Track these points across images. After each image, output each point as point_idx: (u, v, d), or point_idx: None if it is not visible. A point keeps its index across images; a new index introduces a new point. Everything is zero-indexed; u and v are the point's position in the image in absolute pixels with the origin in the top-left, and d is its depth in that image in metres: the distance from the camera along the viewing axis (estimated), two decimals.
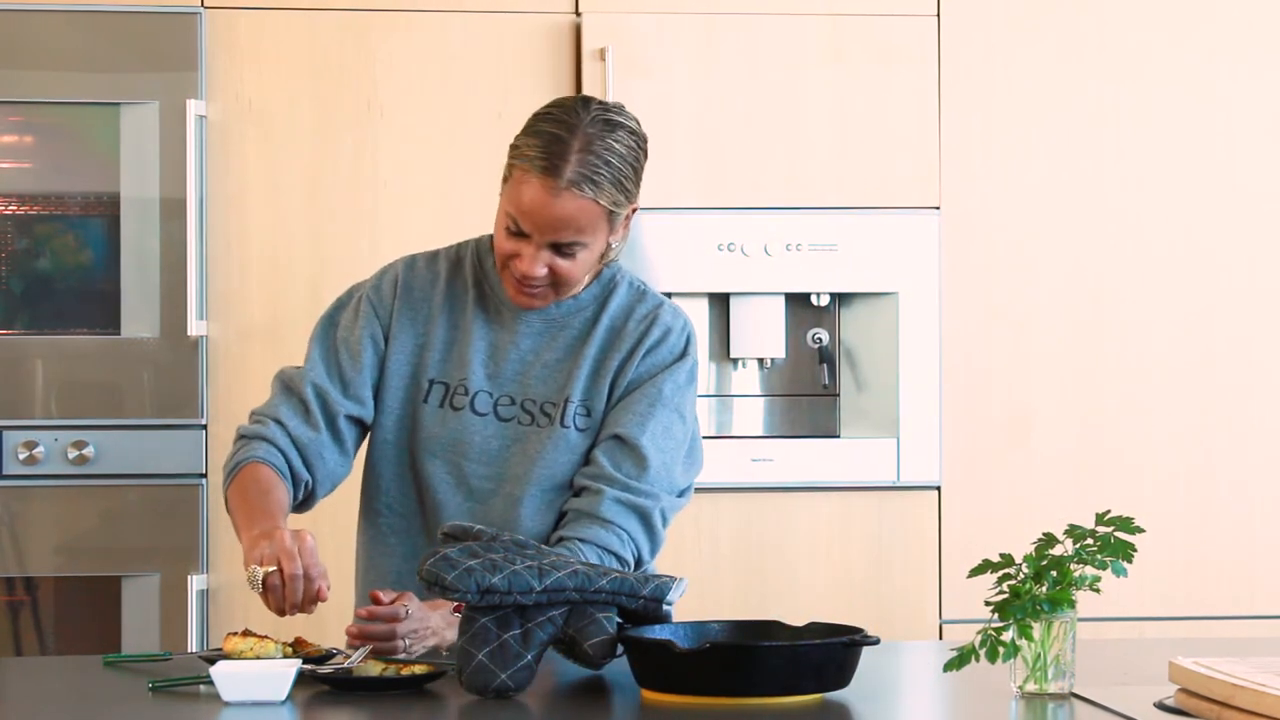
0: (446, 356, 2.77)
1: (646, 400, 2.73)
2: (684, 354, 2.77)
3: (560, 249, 2.65)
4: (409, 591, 2.59)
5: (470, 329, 2.76)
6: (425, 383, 2.76)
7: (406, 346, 2.78)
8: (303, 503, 2.78)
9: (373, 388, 2.78)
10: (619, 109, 2.68)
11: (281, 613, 2.49)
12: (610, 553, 2.65)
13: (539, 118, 2.67)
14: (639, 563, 2.71)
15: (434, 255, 2.83)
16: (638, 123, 2.69)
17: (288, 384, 2.78)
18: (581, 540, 2.65)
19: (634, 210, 2.70)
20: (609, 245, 2.71)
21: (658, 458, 2.71)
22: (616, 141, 2.64)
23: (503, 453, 2.74)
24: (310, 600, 2.48)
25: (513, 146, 2.67)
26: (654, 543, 2.72)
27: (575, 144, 2.61)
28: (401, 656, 2.51)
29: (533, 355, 2.76)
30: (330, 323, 2.81)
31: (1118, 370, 4.11)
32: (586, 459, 2.73)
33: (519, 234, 2.64)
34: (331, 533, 3.80)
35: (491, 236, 2.76)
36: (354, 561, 2.88)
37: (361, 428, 2.80)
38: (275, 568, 2.48)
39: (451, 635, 2.55)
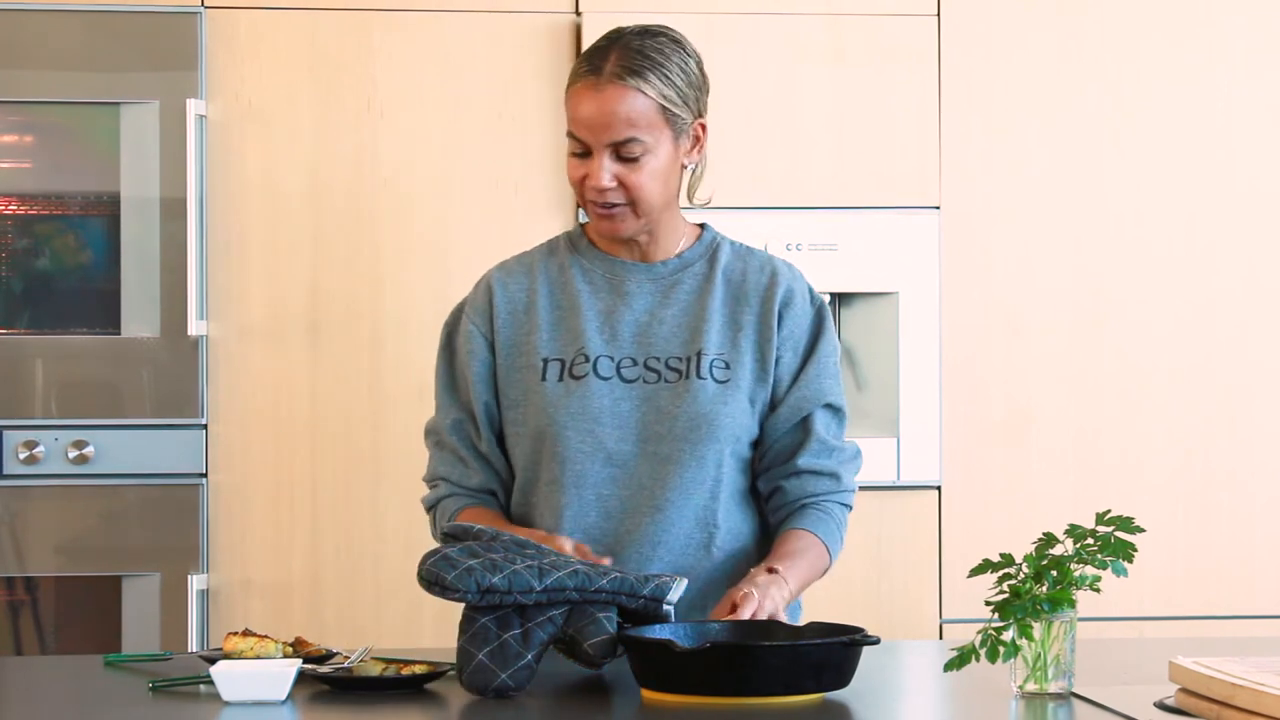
0: (555, 335, 2.76)
1: (833, 363, 2.81)
2: (815, 301, 2.83)
3: (620, 153, 2.67)
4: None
5: (576, 302, 2.77)
6: (539, 363, 2.75)
7: (514, 339, 2.78)
8: None
9: (495, 394, 2.80)
10: (663, 27, 2.74)
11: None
12: (847, 506, 2.86)
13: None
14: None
15: (524, 253, 2.87)
16: (687, 40, 2.74)
17: (436, 439, 2.82)
18: (829, 497, 2.82)
19: (703, 127, 2.74)
20: (682, 166, 2.74)
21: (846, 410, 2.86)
22: (657, 42, 2.70)
23: (634, 414, 2.72)
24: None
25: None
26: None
27: (616, 48, 2.69)
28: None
29: (648, 315, 2.76)
30: (448, 350, 2.84)
31: (1117, 370, 4.11)
32: (803, 429, 2.77)
33: (583, 154, 2.69)
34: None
35: (582, 224, 2.84)
36: None
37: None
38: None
39: None
